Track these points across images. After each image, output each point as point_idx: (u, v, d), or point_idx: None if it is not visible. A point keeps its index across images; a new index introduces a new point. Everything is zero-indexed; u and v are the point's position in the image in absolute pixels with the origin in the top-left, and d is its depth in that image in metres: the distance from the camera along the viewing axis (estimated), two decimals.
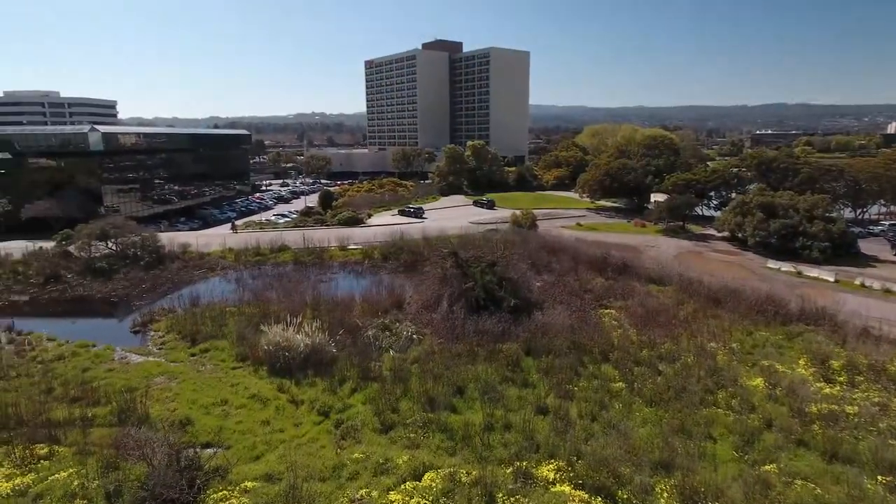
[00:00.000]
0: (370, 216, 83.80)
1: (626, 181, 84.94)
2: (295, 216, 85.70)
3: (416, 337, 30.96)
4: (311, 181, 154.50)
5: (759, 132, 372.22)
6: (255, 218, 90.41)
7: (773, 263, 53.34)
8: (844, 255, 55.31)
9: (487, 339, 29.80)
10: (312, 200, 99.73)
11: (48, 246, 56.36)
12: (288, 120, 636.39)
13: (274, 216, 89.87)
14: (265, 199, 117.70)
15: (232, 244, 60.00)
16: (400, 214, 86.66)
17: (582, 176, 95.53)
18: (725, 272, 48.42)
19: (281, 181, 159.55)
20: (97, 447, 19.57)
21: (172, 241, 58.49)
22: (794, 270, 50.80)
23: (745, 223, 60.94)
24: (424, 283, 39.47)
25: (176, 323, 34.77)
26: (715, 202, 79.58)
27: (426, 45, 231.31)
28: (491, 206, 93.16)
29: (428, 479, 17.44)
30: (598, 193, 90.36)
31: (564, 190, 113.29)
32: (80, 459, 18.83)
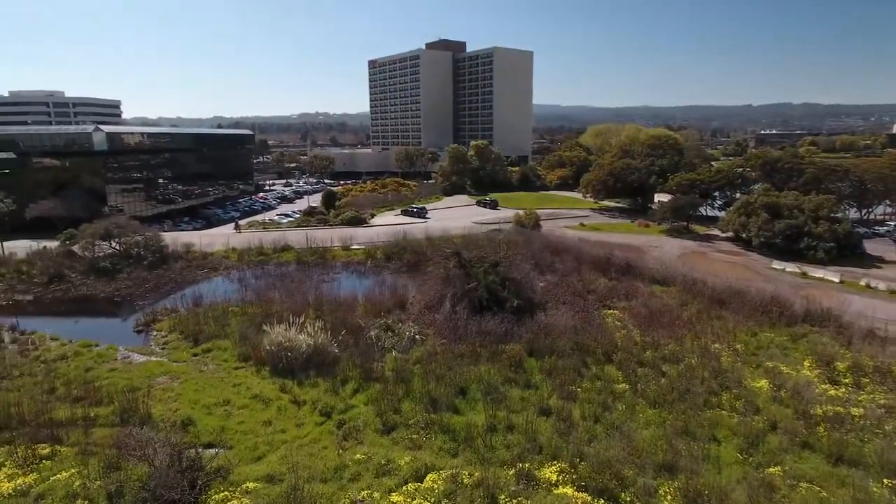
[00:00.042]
0: (373, 216, 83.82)
1: (629, 181, 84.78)
2: (298, 216, 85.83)
3: (418, 337, 30.92)
4: (314, 181, 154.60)
5: (763, 132, 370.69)
6: (258, 218, 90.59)
7: (777, 264, 53.09)
8: (850, 255, 55.06)
9: (490, 339, 29.74)
10: (316, 200, 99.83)
11: (52, 245, 56.57)
12: (291, 120, 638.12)
13: (277, 216, 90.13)
14: (268, 198, 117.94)
15: (235, 244, 60.13)
16: (403, 214, 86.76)
17: (585, 176, 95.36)
18: (730, 273, 48.20)
19: (284, 181, 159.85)
20: (99, 447, 19.61)
21: (176, 240, 58.62)
22: (798, 271, 50.56)
23: (749, 223, 60.69)
24: (427, 283, 39.46)
25: (179, 323, 34.84)
26: (719, 202, 79.30)
27: (430, 44, 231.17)
28: (494, 206, 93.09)
29: (430, 480, 17.40)
30: (601, 193, 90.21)
31: (568, 190, 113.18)
32: (81, 459, 18.84)
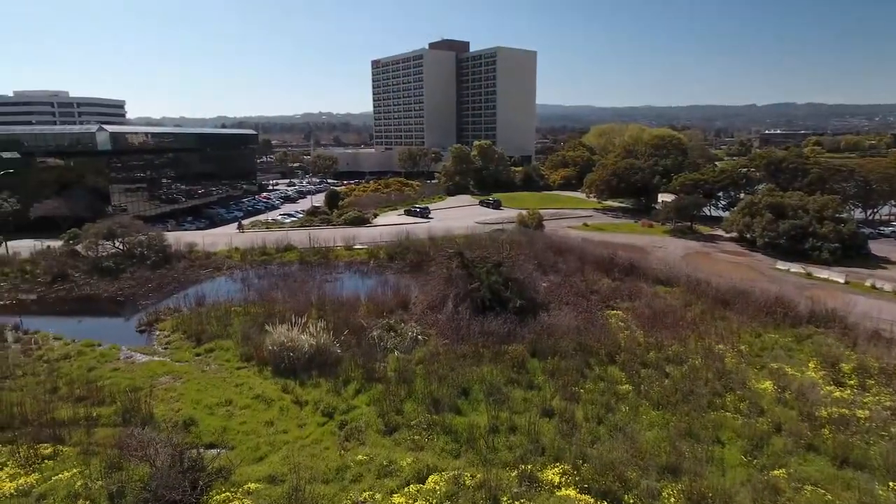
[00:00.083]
0: (376, 216, 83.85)
1: (633, 181, 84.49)
2: (301, 216, 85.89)
3: (421, 338, 30.83)
4: (317, 181, 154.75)
5: (767, 132, 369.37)
6: (261, 217, 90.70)
7: (782, 265, 52.83)
8: (855, 256, 54.77)
9: (493, 340, 29.65)
10: (319, 200, 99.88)
11: (56, 245, 56.80)
12: (295, 120, 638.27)
13: (280, 216, 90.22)
14: (272, 198, 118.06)
15: (238, 244, 60.20)
16: (406, 214, 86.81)
17: (589, 176, 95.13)
18: (734, 273, 47.99)
19: (288, 181, 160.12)
20: (101, 447, 19.61)
21: (179, 240, 58.75)
22: (803, 272, 50.30)
23: (753, 224, 60.42)
24: (430, 283, 39.40)
25: (181, 322, 34.87)
26: (723, 203, 78.99)
27: (433, 44, 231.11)
28: (497, 206, 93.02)
29: (432, 481, 17.33)
30: (605, 193, 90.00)
31: (571, 190, 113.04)
32: (83, 459, 18.84)
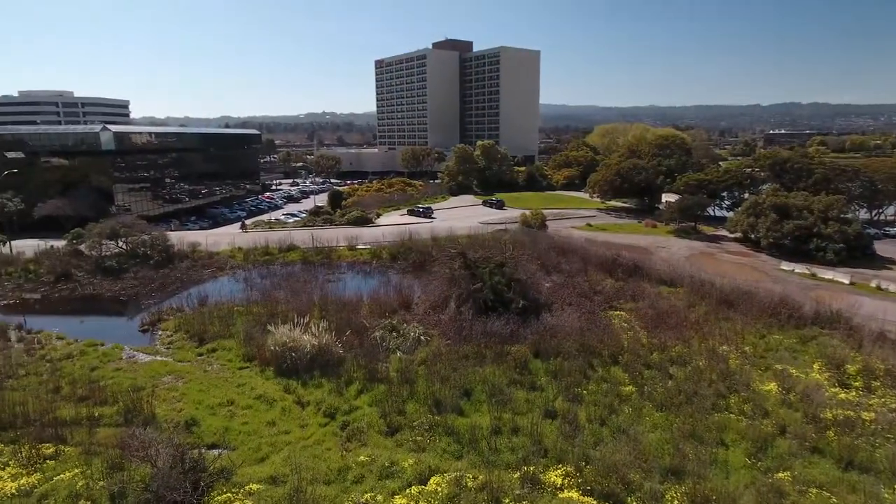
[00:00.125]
0: (379, 216, 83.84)
1: (636, 181, 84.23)
2: (304, 215, 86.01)
3: (423, 338, 30.74)
4: (320, 181, 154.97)
5: (772, 132, 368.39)
6: (264, 217, 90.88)
7: (786, 265, 52.56)
8: (860, 256, 54.45)
9: (495, 340, 29.55)
10: (322, 200, 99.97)
11: (59, 245, 56.93)
12: (298, 119, 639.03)
13: (283, 215, 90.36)
14: (275, 198, 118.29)
15: (241, 243, 60.25)
16: (409, 214, 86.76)
17: (592, 176, 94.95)
18: (738, 274, 47.78)
19: (291, 181, 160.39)
20: (103, 447, 19.60)
21: (182, 240, 58.85)
22: (808, 272, 50.02)
23: (758, 224, 60.15)
24: (432, 283, 39.36)
25: (184, 322, 34.89)
26: (727, 203, 78.74)
27: (436, 44, 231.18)
28: (500, 206, 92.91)
29: (434, 483, 17.25)
30: (608, 194, 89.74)
31: (574, 190, 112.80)
32: (85, 459, 18.83)
